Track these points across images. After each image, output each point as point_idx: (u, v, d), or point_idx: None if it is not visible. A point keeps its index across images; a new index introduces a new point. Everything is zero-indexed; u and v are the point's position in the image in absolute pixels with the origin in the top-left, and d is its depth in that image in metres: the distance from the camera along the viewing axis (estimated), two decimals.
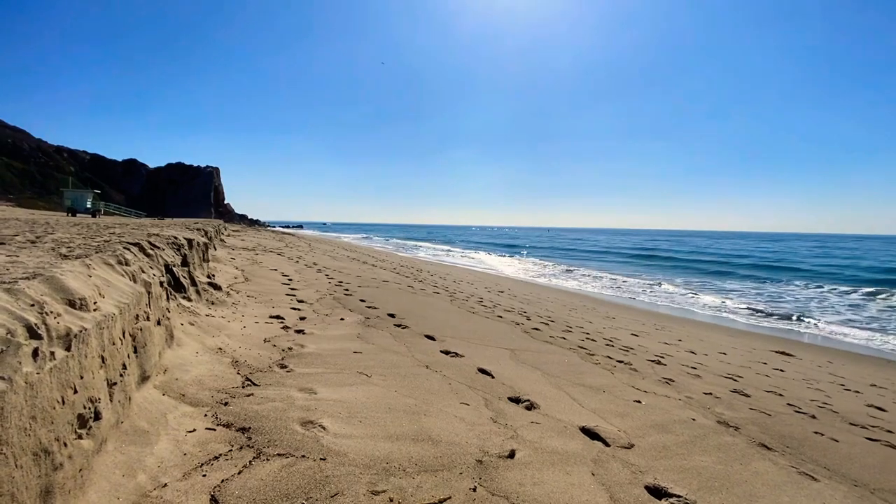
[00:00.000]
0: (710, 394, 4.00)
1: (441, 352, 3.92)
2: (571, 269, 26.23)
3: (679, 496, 1.99)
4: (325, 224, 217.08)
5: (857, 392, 5.30)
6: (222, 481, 1.68)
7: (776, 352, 7.83)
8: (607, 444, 2.46)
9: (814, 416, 3.78)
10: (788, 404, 4.08)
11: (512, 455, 2.13)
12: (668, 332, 8.26)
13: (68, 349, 1.43)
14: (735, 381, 4.80)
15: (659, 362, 5.08)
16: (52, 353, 1.35)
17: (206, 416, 2.16)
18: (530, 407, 2.86)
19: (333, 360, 3.28)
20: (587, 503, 1.85)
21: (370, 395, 2.68)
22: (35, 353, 1.28)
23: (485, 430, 2.38)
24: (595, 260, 34.92)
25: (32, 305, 1.43)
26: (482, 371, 3.49)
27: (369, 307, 5.63)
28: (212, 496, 1.60)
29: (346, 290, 6.92)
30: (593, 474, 2.08)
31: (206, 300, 4.20)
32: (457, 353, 3.90)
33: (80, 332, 1.52)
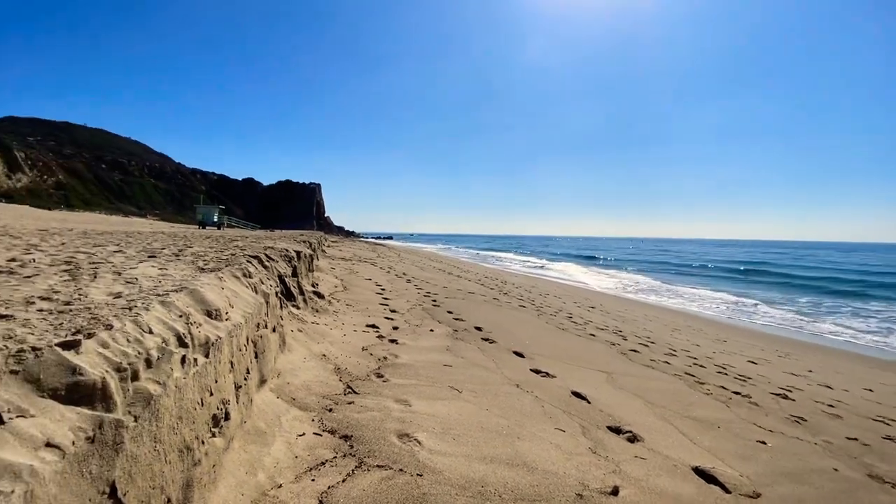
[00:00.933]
0: (856, 439, 3.37)
1: (531, 370, 3.81)
2: (668, 283, 24.14)
3: None
4: (411, 235, 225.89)
5: None
6: (329, 487, 1.77)
7: None
8: (727, 491, 2.17)
9: None
10: None
11: (615, 492, 1.97)
12: (794, 361, 7.17)
13: (207, 356, 1.62)
14: (888, 425, 4.00)
15: (786, 396, 4.42)
16: (195, 360, 1.54)
17: (313, 420, 2.31)
18: (633, 439, 2.64)
19: (425, 372, 3.35)
20: None
21: (462, 411, 2.67)
22: (183, 359, 1.47)
23: (583, 461, 2.24)
24: (695, 275, 31.73)
25: (181, 316, 1.65)
26: (576, 394, 3.32)
27: (456, 319, 5.68)
28: (320, 501, 1.69)
29: (434, 301, 7.07)
30: None
31: (312, 308, 4.55)
32: (548, 373, 3.76)
33: (216, 340, 1.71)
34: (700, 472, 2.30)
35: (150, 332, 1.42)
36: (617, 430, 2.75)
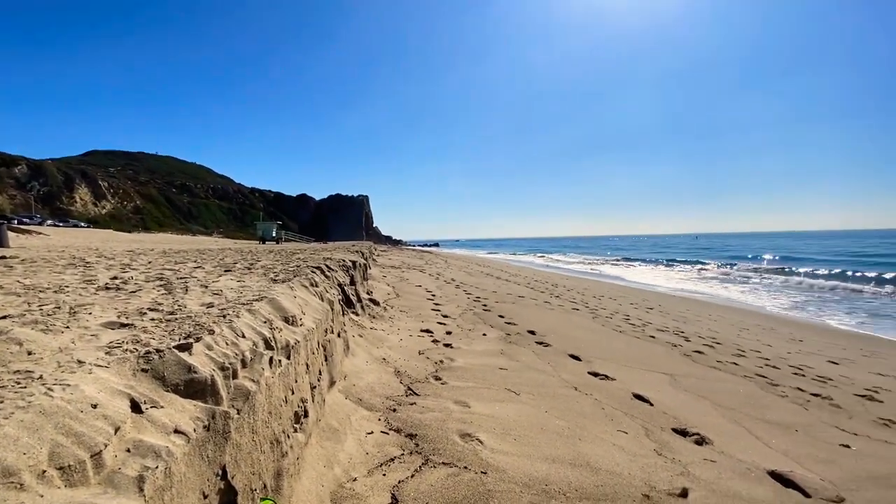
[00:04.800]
0: None
1: (589, 373, 3.77)
2: (732, 278, 22.62)
3: None
4: (457, 241, 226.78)
5: None
6: (399, 482, 1.88)
7: None
8: (807, 495, 2.06)
9: None
10: None
11: (685, 494, 1.94)
12: (884, 361, 6.52)
13: (288, 357, 1.79)
14: None
15: (872, 398, 4.06)
16: (280, 361, 1.71)
17: (379, 420, 2.45)
18: (701, 441, 2.56)
19: (482, 374, 3.41)
20: None
21: (521, 413, 2.71)
22: (270, 360, 1.64)
23: (648, 462, 2.21)
24: (770, 271, 29.47)
25: (265, 322, 1.84)
26: (638, 397, 3.25)
27: (508, 323, 5.70)
28: (392, 495, 1.81)
29: (485, 305, 7.11)
30: None
31: (369, 314, 4.76)
32: (606, 376, 3.70)
33: (295, 343, 1.88)
34: (776, 476, 2.20)
35: (244, 336, 1.60)
36: (683, 433, 2.67)
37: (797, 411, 3.36)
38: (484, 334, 4.91)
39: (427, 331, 4.77)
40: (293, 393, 1.81)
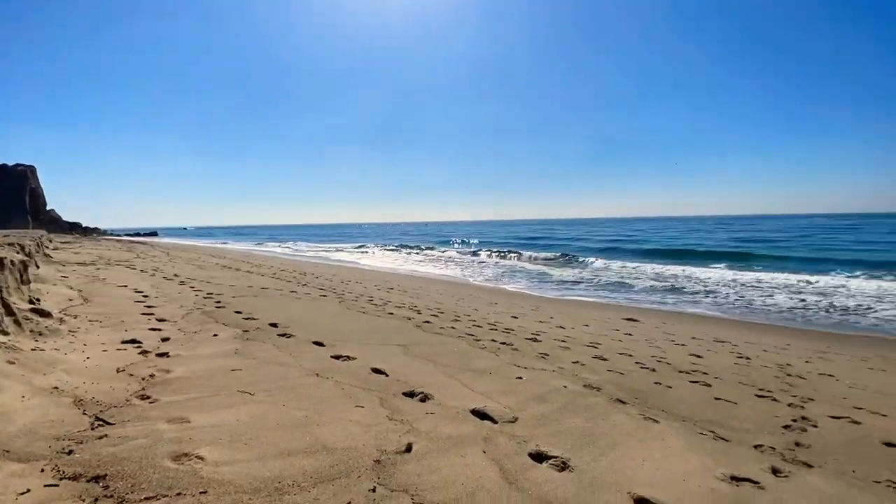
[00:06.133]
0: (577, 362, 4.56)
1: (332, 357, 3.81)
2: (455, 259, 27.43)
3: (556, 457, 2.26)
4: (185, 229, 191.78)
5: (683, 345, 6.53)
6: None
7: (625, 319, 9.22)
8: (495, 422, 2.66)
9: (654, 370, 4.56)
10: (636, 362, 4.86)
11: (409, 449, 2.18)
12: (543, 312, 9.16)
13: None
14: (595, 348, 5.55)
15: (536, 340, 5.62)
16: None
17: (43, 471, 1.79)
18: (424, 399, 2.95)
19: (208, 381, 2.97)
20: (480, 479, 1.99)
21: (255, 413, 2.49)
22: None
23: (381, 429, 2.40)
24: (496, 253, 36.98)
25: None
26: (376, 370, 3.49)
27: (247, 318, 5.19)
28: None
29: (218, 302, 6.26)
30: (484, 452, 2.24)
31: (31, 331, 3.44)
32: (349, 357, 3.83)
33: None
34: (476, 413, 2.75)
35: None
36: (411, 395, 3.02)
37: (492, 358, 4.30)
38: (215, 335, 4.30)
39: (133, 341, 3.82)
40: None
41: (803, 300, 13.07)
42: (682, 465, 2.33)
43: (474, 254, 32.85)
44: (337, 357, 3.82)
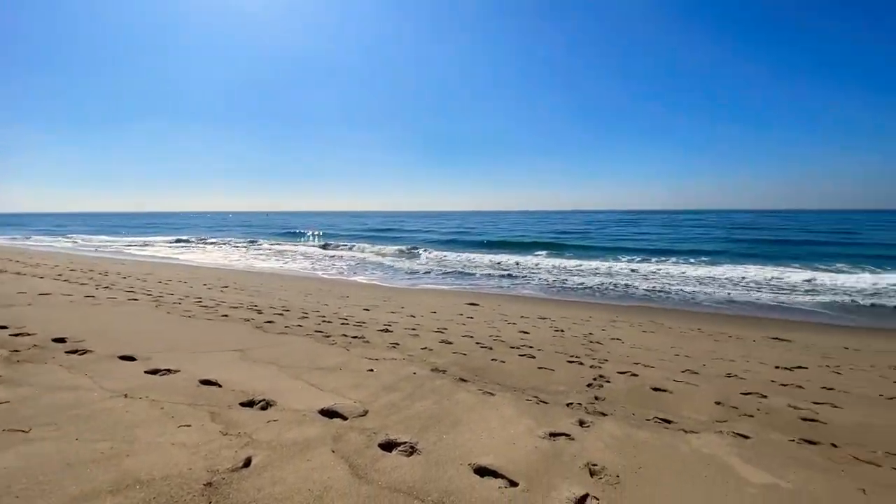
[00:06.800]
0: (426, 348, 4.78)
1: (147, 372, 3.22)
2: (301, 251, 25.92)
3: (405, 442, 2.33)
4: None
5: (514, 323, 7.42)
6: None
7: (468, 304, 10.03)
8: (345, 419, 2.62)
9: (491, 348, 5.08)
10: (476, 342, 5.33)
11: (248, 463, 1.99)
12: (394, 302, 9.34)
13: None
14: (442, 333, 5.90)
15: (387, 330, 5.70)
16: None
17: None
18: (266, 406, 2.72)
19: None
20: (328, 480, 1.93)
21: (32, 455, 1.95)
22: None
23: (213, 447, 2.13)
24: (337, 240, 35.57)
25: None
26: (206, 382, 3.07)
27: (17, 335, 4.02)
28: None
29: None
30: (333, 451, 2.19)
31: None
32: (169, 370, 3.29)
33: None
34: (324, 412, 2.66)
35: None
36: (251, 404, 2.75)
37: (342, 353, 4.21)
38: None
39: None
40: None
41: (601, 280, 16.12)
42: (513, 430, 2.65)
43: (324, 247, 31.59)
44: (154, 372, 3.24)
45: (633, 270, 18.74)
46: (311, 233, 48.26)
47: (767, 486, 2.20)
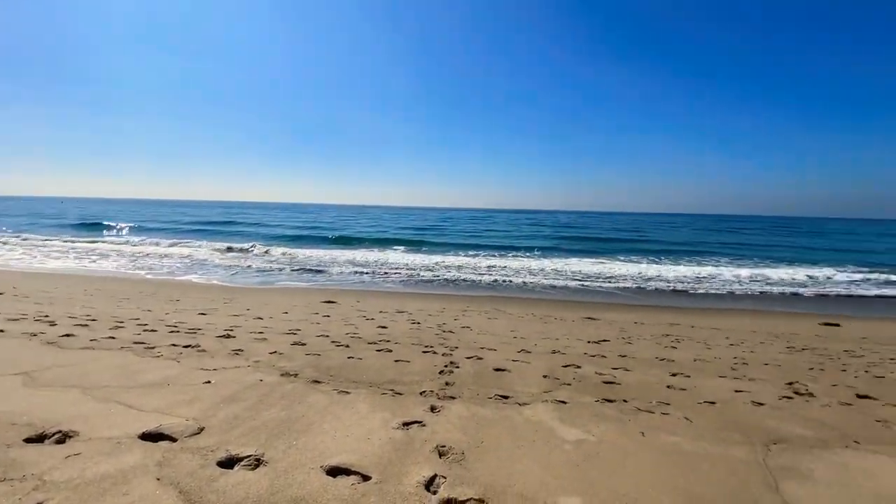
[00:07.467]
0: (276, 352, 4.48)
1: None
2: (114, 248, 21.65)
3: (249, 455, 2.17)
4: None
5: (372, 319, 7.43)
6: None
7: (324, 302, 9.68)
8: (174, 440, 2.30)
9: (348, 346, 5.01)
10: (332, 341, 5.20)
11: None
12: (237, 304, 8.47)
13: None
14: (294, 334, 5.59)
15: (229, 336, 5.15)
16: None
17: None
18: (63, 438, 2.22)
19: None
20: None
21: None
22: None
23: None
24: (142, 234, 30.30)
25: None
26: None
27: None
28: None
29: None
30: (158, 479, 1.91)
31: None
32: None
33: None
34: (146, 436, 2.30)
35: None
36: (41, 438, 2.22)
37: (171, 366, 3.67)
38: None
39: None
40: None
41: (454, 274, 17.19)
42: (368, 425, 2.68)
43: (156, 243, 26.75)
44: None
45: (486, 264, 20.46)
46: (122, 225, 40.10)
47: (578, 441, 2.67)
